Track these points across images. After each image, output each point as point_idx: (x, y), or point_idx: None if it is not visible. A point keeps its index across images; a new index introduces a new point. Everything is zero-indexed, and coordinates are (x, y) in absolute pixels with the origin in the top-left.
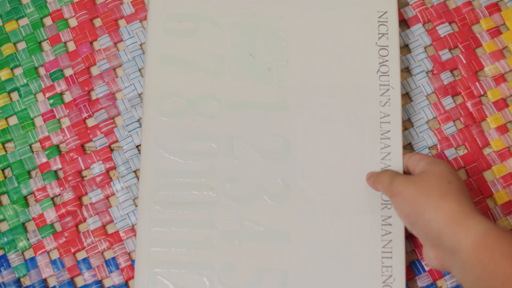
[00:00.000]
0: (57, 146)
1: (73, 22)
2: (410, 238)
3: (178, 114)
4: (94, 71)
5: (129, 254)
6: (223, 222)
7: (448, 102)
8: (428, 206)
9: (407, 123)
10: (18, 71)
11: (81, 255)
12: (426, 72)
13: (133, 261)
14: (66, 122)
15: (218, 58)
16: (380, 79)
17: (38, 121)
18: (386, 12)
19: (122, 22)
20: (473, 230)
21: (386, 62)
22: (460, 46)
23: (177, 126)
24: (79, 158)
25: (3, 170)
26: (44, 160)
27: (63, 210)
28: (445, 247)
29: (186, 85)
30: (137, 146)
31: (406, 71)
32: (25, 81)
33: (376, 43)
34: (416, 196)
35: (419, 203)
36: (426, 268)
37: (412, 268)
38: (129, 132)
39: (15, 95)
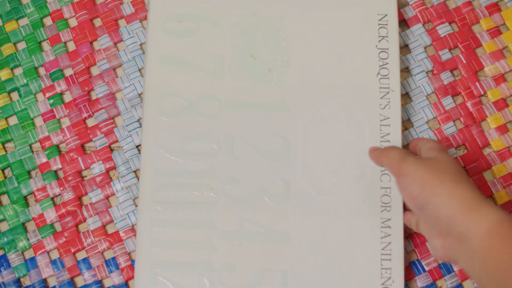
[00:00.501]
0: (57, 146)
1: (73, 22)
2: (409, 238)
3: (178, 114)
4: (94, 71)
5: (129, 254)
6: (223, 222)
7: (448, 102)
8: (440, 190)
9: (407, 123)
10: (18, 71)
11: (81, 255)
12: (426, 72)
13: (133, 261)
14: (66, 122)
15: (218, 58)
16: (380, 82)
17: (38, 121)
18: (386, 15)
19: (122, 22)
20: (487, 218)
21: (386, 65)
22: (460, 46)
23: (177, 126)
24: (79, 158)
25: (3, 170)
26: (44, 160)
27: (63, 210)
28: (455, 234)
29: (186, 85)
30: (137, 146)
31: (406, 71)
32: (25, 81)
33: (376, 45)
34: (427, 179)
35: (430, 187)
36: (426, 268)
37: (412, 268)
38: (129, 132)
39: (15, 95)
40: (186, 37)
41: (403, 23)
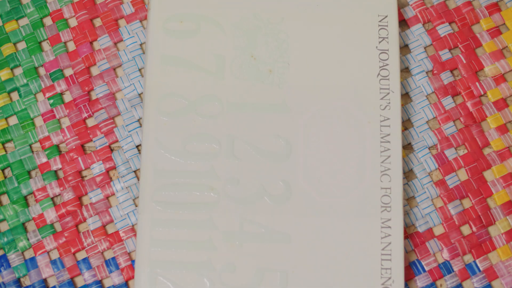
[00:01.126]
0: (57, 146)
1: (73, 22)
2: (409, 238)
3: (178, 114)
4: (94, 71)
5: (129, 254)
6: (224, 222)
7: (448, 102)
8: None
9: (407, 123)
10: (18, 71)
11: (81, 255)
12: (426, 72)
13: (133, 261)
14: (66, 122)
15: (219, 58)
16: (381, 83)
17: (38, 121)
18: (386, 16)
19: (122, 22)
20: None
21: (386, 66)
22: (460, 46)
23: (178, 126)
24: (79, 158)
25: (3, 170)
26: (44, 160)
27: (63, 210)
28: None
29: (187, 85)
30: (137, 146)
31: (406, 71)
32: (25, 81)
33: (377, 47)
34: None
35: None
36: (426, 268)
37: (412, 268)
38: (129, 132)
39: (15, 95)
40: (186, 37)
41: (403, 23)
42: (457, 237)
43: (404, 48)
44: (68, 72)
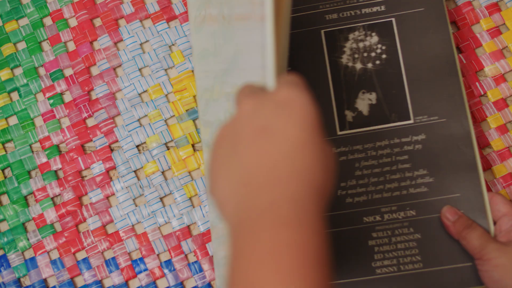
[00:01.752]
0: (57, 146)
1: (73, 22)
2: None
3: None
4: (94, 71)
5: (129, 254)
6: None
7: None
8: None
9: None
10: (18, 71)
11: (81, 255)
12: None
13: (133, 261)
14: (66, 122)
15: None
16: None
17: (38, 121)
18: None
19: (122, 22)
20: None
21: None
22: (460, 46)
23: None
24: (79, 158)
25: (3, 170)
26: (44, 160)
27: (63, 210)
28: None
29: None
30: (137, 146)
31: None
32: (25, 81)
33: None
34: (509, 268)
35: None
36: None
37: None
38: (129, 132)
39: (15, 95)
40: None
41: None
42: None
43: None
44: (68, 72)
